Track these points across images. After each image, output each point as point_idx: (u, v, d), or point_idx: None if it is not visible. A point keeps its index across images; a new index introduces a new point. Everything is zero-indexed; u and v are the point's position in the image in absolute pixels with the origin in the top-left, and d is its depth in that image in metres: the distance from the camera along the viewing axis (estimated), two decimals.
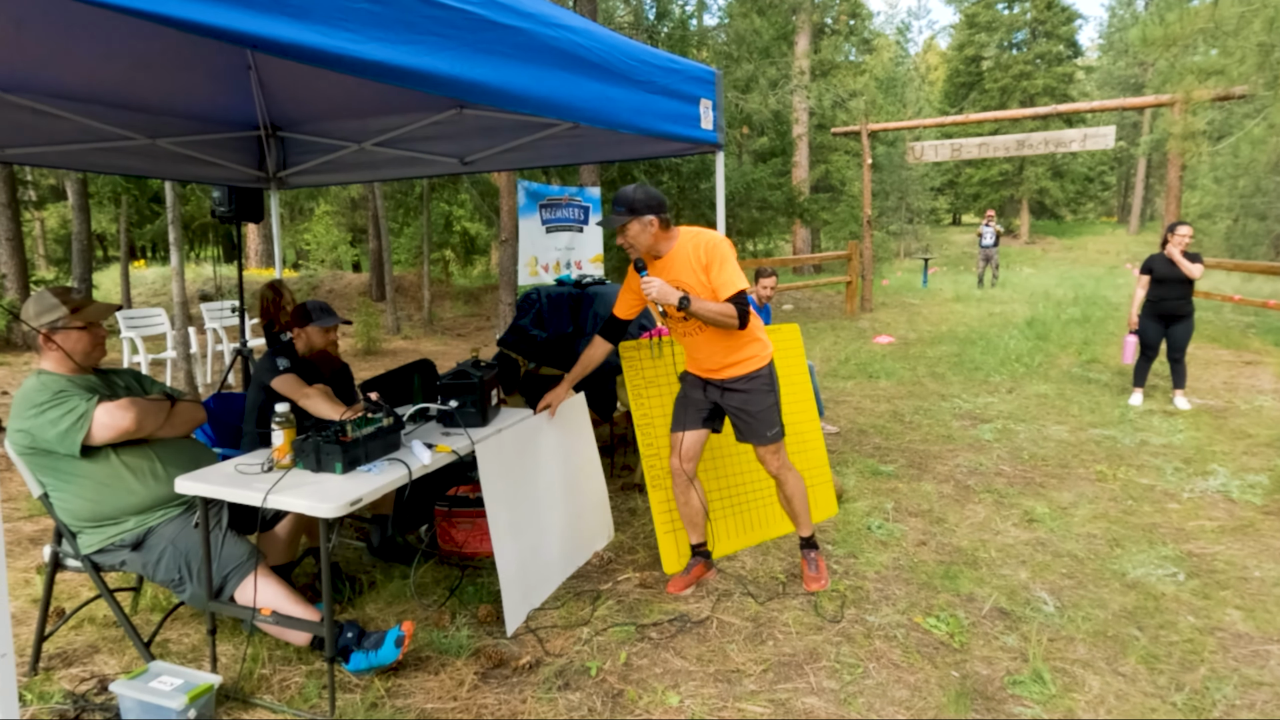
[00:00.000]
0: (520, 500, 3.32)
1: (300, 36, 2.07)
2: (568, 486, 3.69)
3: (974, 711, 2.61)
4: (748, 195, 16.29)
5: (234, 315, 9.29)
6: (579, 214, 9.00)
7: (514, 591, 3.17)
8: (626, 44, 3.37)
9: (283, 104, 4.75)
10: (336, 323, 3.69)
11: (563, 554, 3.61)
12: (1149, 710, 2.60)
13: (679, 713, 2.63)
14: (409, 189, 16.79)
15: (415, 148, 4.99)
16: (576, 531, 3.75)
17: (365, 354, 11.10)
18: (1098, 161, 38.45)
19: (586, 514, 3.87)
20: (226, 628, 3.13)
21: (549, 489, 3.55)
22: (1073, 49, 35.31)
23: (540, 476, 3.50)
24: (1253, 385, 7.54)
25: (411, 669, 2.89)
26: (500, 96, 2.58)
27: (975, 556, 3.81)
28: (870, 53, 32.03)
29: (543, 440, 3.57)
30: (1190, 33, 10.37)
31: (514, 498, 3.28)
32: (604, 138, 4.47)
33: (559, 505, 3.61)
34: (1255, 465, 5.14)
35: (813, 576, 3.51)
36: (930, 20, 79.27)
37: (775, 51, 16.76)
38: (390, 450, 2.95)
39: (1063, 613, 3.25)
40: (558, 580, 3.55)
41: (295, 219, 23.60)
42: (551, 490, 3.56)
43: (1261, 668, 2.85)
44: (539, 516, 3.45)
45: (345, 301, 15.67)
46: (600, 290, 5.40)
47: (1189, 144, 11.03)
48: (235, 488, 2.59)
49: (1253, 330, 10.44)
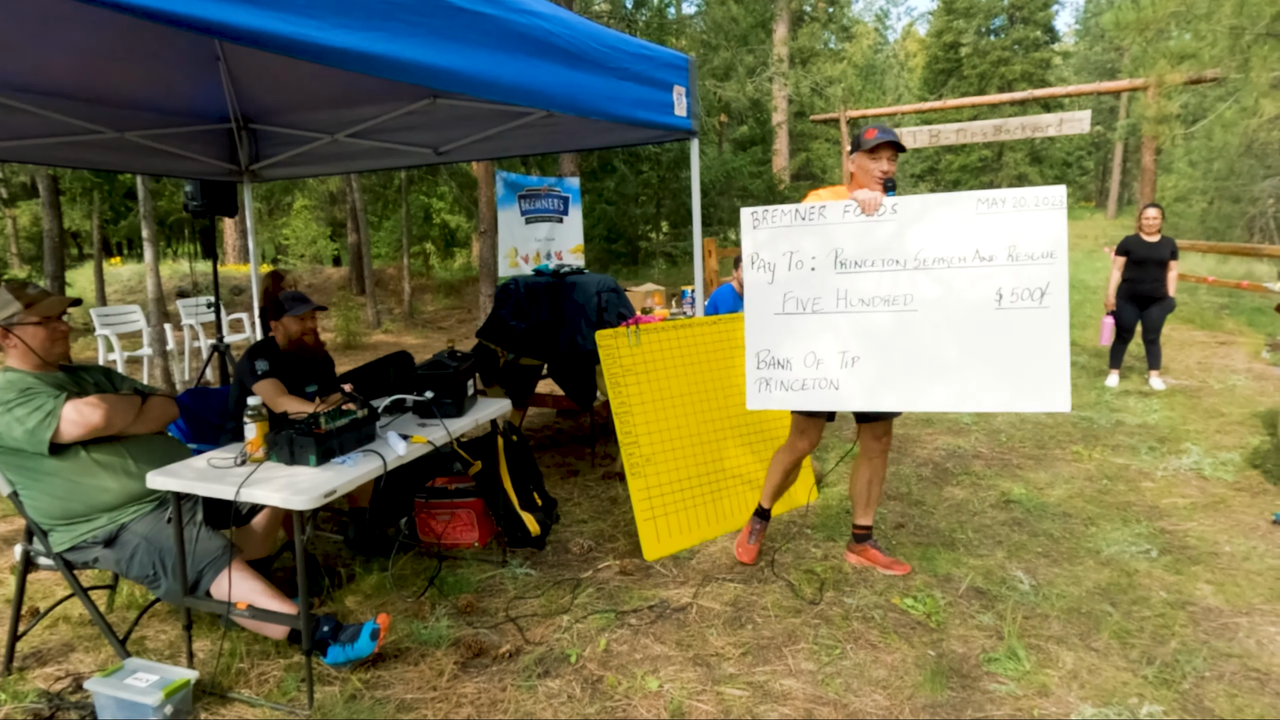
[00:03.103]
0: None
1: (263, 23, 2.05)
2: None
3: (950, 690, 2.64)
4: (728, 184, 16.31)
5: (211, 311, 9.20)
6: (558, 204, 8.96)
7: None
8: (597, 30, 3.35)
9: (254, 95, 4.70)
10: (309, 309, 3.66)
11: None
12: (1121, 684, 2.63)
13: (658, 697, 2.64)
14: (388, 181, 16.67)
15: (389, 138, 4.96)
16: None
17: (346, 348, 11.03)
18: (1075, 146, 38.71)
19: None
20: (204, 623, 3.11)
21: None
22: (1050, 34, 35.48)
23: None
24: (1226, 365, 7.65)
25: (391, 660, 2.88)
26: (468, 83, 2.57)
27: (953, 537, 3.85)
28: (849, 40, 32.05)
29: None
30: (1163, 17, 10.46)
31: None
32: (579, 126, 4.46)
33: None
34: (1228, 443, 5.21)
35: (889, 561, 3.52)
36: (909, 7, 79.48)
37: (753, 39, 16.75)
38: (365, 442, 2.94)
39: (1038, 591, 3.29)
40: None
41: (274, 213, 23.39)
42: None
43: (1230, 640, 2.90)
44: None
45: (325, 296, 15.54)
46: (579, 280, 5.39)
47: (1163, 128, 11.13)
48: (208, 482, 2.57)
49: (1227, 311, 10.57)
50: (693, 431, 4.02)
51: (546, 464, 5.13)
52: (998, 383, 2.94)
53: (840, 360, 3.10)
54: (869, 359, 3.07)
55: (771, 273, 3.17)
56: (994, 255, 2.94)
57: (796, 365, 3.15)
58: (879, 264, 3.04)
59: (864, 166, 3.18)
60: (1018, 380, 2.93)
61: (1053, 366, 2.90)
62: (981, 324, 2.95)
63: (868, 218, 3.05)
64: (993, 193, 2.93)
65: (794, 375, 3.15)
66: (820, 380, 3.13)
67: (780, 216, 3.14)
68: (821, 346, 3.12)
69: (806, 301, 3.13)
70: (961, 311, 2.97)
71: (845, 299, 3.09)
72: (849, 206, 3.07)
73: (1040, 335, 2.90)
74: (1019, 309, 2.92)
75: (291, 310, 3.63)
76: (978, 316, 2.95)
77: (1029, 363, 2.92)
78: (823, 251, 3.10)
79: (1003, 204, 2.92)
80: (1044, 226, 2.88)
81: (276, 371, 3.55)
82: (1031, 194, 2.91)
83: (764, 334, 3.20)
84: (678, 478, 3.89)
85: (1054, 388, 2.91)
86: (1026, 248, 2.90)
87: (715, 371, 4.19)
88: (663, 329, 4.11)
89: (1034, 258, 2.90)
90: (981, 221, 2.94)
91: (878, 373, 3.07)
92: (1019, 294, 2.91)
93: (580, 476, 4.96)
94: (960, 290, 2.98)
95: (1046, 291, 2.89)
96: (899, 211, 3.03)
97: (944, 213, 3.00)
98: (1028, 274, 2.91)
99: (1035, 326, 2.91)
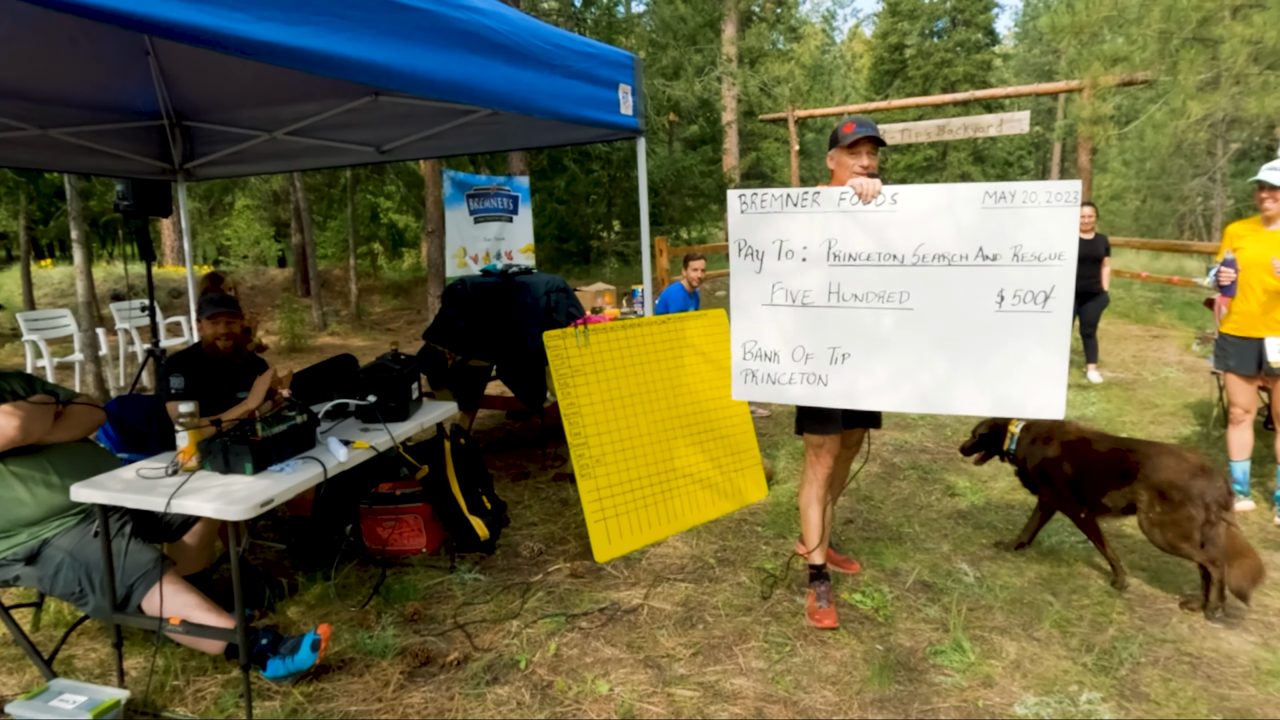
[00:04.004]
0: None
1: (187, 16, 1.97)
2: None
3: (897, 683, 2.67)
4: (679, 182, 16.36)
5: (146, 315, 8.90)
6: (508, 203, 8.87)
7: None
8: (540, 27, 3.31)
9: (186, 91, 4.55)
10: (219, 312, 3.52)
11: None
12: (1061, 672, 2.69)
13: (609, 700, 2.62)
14: (333, 180, 16.33)
15: (330, 136, 4.84)
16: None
17: (290, 351, 10.77)
18: (1016, 146, 39.70)
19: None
20: (136, 639, 2.99)
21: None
22: (990, 37, 36.35)
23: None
24: (1159, 358, 7.91)
25: (334, 672, 2.81)
26: (406, 80, 2.51)
27: (900, 532, 3.90)
28: (797, 40, 32.43)
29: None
30: (1096, 20, 10.77)
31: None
32: (525, 124, 4.41)
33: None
34: (1161, 433, 5.38)
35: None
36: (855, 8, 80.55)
37: (702, 38, 16.83)
38: (305, 448, 2.86)
39: (982, 583, 3.35)
40: None
41: (214, 213, 22.73)
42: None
43: (1164, 626, 2.98)
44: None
45: (269, 298, 15.16)
46: (528, 280, 5.33)
47: (1098, 128, 11.47)
48: (137, 494, 2.47)
49: (1159, 306, 10.94)
50: (643, 431, 4.00)
51: (496, 467, 5.06)
52: (991, 387, 2.79)
53: (830, 356, 2.94)
54: (860, 357, 2.91)
55: (759, 261, 2.97)
56: (999, 254, 2.74)
57: (784, 358, 2.99)
58: (875, 258, 2.85)
59: (843, 163, 2.98)
60: (1012, 385, 2.77)
61: (1049, 373, 2.73)
62: (979, 326, 2.78)
63: (865, 206, 2.84)
64: (1002, 186, 2.73)
65: (781, 369, 3.00)
66: (808, 375, 2.97)
67: (770, 201, 2.93)
68: (811, 341, 2.95)
69: (796, 294, 2.95)
70: (960, 312, 2.79)
71: (838, 293, 2.90)
72: (845, 194, 2.85)
73: (1039, 340, 2.73)
74: (1019, 312, 2.73)
75: (203, 313, 3.50)
76: (976, 318, 2.78)
77: (1025, 368, 2.75)
78: (815, 241, 2.89)
79: (1012, 198, 2.71)
80: (1055, 224, 2.68)
81: (196, 384, 3.38)
82: (1044, 188, 2.70)
83: (751, 325, 3.03)
84: (628, 478, 3.87)
85: (1049, 394, 2.74)
86: (1034, 247, 2.69)
87: (665, 371, 4.18)
88: (611, 329, 4.09)
89: (1041, 259, 2.69)
90: (988, 216, 2.73)
91: (868, 371, 2.91)
92: (1021, 296, 2.72)
93: (531, 479, 4.91)
94: (960, 290, 2.78)
95: (1051, 295, 2.69)
96: (899, 202, 2.82)
97: (948, 205, 2.78)
98: (1033, 276, 2.71)
99: (1035, 331, 2.73)
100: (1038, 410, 2.79)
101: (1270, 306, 3.78)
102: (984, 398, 2.82)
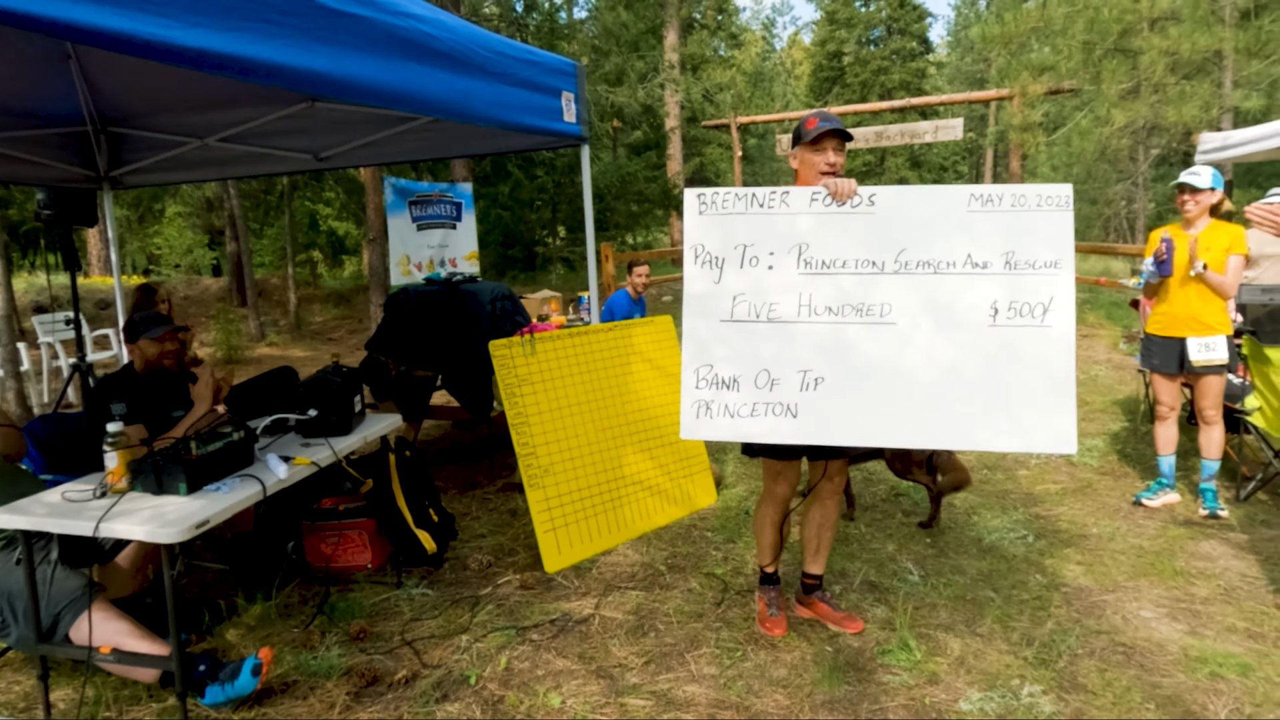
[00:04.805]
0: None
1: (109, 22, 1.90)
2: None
3: (847, 684, 2.70)
4: (623, 188, 16.39)
5: (71, 328, 8.54)
6: (451, 210, 8.77)
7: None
8: (482, 34, 3.28)
9: (113, 96, 4.38)
10: (163, 330, 3.40)
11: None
12: (1004, 667, 2.76)
13: (561, 713, 2.60)
14: (269, 187, 15.93)
15: (265, 143, 4.72)
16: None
17: (227, 363, 10.46)
18: (951, 152, 40.81)
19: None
20: (63, 670, 2.86)
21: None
22: (925, 45, 37.35)
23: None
24: (1089, 357, 8.19)
25: (277, 696, 2.72)
26: (341, 88, 2.46)
27: (846, 533, 3.96)
28: (738, 47, 32.85)
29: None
30: (1024, 31, 11.17)
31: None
32: (466, 131, 4.36)
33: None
34: (1092, 430, 5.58)
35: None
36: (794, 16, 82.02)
37: (644, 45, 16.90)
38: (242, 466, 2.77)
39: (926, 581, 3.42)
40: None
41: (143, 221, 21.95)
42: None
43: (1100, 617, 3.09)
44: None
45: (203, 308, 14.70)
46: (473, 288, 5.27)
47: (1028, 135, 11.88)
48: (62, 518, 2.36)
49: (1088, 305, 11.34)
50: (591, 440, 3.99)
51: (443, 478, 4.99)
52: (990, 415, 2.50)
53: (800, 381, 2.58)
54: (835, 381, 2.57)
55: (719, 270, 2.61)
56: (989, 262, 2.50)
57: (746, 386, 2.61)
58: (851, 265, 2.55)
59: (807, 161, 2.73)
60: (1014, 413, 2.49)
61: (1056, 398, 2.46)
62: (972, 343, 2.51)
63: (839, 208, 2.57)
64: (988, 188, 2.54)
65: (741, 399, 2.60)
66: (774, 405, 2.59)
67: (733, 201, 2.61)
68: (778, 364, 2.59)
69: (761, 308, 2.61)
70: (949, 327, 2.52)
71: (809, 306, 2.58)
72: (817, 194, 2.59)
73: (1041, 360, 2.47)
74: (1017, 327, 2.48)
75: (148, 332, 3.37)
76: (968, 334, 2.51)
77: (1027, 392, 2.48)
78: (783, 247, 2.59)
79: (999, 201, 2.50)
80: (1047, 230, 2.47)
81: (137, 409, 3.25)
82: (1033, 191, 2.50)
83: (706, 346, 2.64)
84: (577, 487, 3.85)
85: (1057, 424, 2.46)
86: (1027, 254, 2.47)
87: (612, 379, 4.17)
88: (558, 337, 4.07)
89: (1035, 267, 2.47)
90: (975, 220, 2.50)
91: (845, 398, 2.57)
92: (1017, 309, 2.48)
93: (478, 490, 4.85)
94: (948, 301, 2.52)
95: (1050, 308, 2.46)
96: (876, 204, 2.56)
97: (930, 207, 2.56)
98: (1028, 286, 2.48)
99: (1035, 349, 2.47)
100: (1046, 445, 2.53)
101: (1191, 308, 3.95)
102: (983, 428, 2.52)
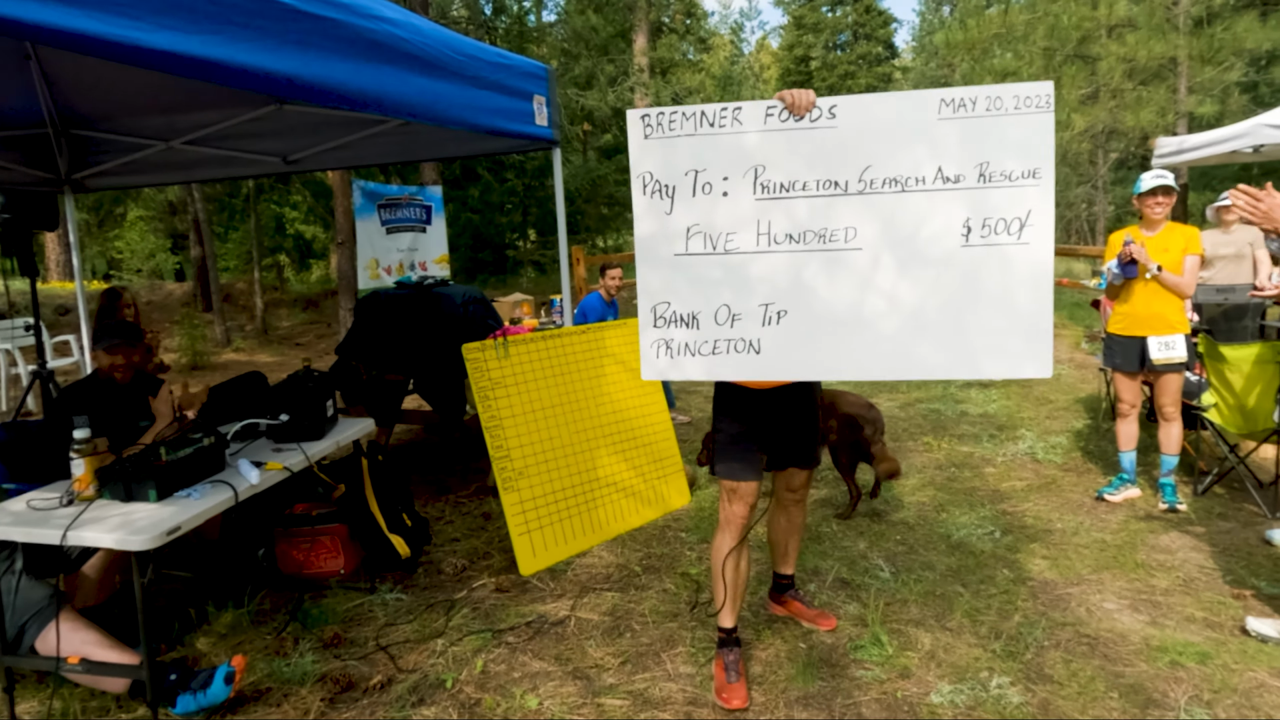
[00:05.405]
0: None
1: (74, 23, 1.87)
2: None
3: (820, 680, 2.74)
4: (595, 191, 16.40)
5: (31, 334, 8.35)
6: (421, 214, 8.74)
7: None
8: (453, 38, 3.28)
9: (74, 98, 4.30)
10: (110, 344, 3.34)
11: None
12: (973, 660, 2.82)
13: (538, 714, 2.60)
14: (235, 190, 15.70)
15: (232, 146, 4.66)
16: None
17: (192, 369, 10.29)
18: None
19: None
20: (30, 681, 2.80)
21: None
22: (890, 50, 37.87)
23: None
24: (1052, 356, 8.36)
25: (250, 704, 2.69)
26: (312, 91, 2.45)
27: (819, 531, 4.01)
28: (707, 51, 32.99)
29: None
30: (986, 37, 11.38)
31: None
32: (437, 135, 4.35)
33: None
34: (1056, 428, 5.70)
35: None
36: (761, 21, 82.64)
37: (614, 48, 16.95)
38: (213, 472, 2.75)
39: (897, 577, 3.47)
40: None
41: (104, 225, 21.52)
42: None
43: (1065, 610, 3.16)
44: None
45: (166, 314, 14.44)
46: (444, 291, 5.26)
47: None
48: (27, 526, 2.32)
49: None
50: (565, 442, 4.00)
51: (416, 482, 4.96)
52: (963, 342, 2.35)
53: (763, 316, 2.43)
54: (800, 315, 2.41)
55: (669, 199, 2.42)
56: (962, 175, 2.31)
57: (706, 323, 2.46)
58: (812, 186, 2.37)
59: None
60: (987, 339, 2.34)
61: (1032, 320, 2.32)
62: (945, 266, 2.33)
63: (798, 122, 2.36)
64: (961, 91, 2.31)
65: (702, 336, 2.46)
66: (737, 342, 2.44)
67: (680, 121, 2.39)
68: (738, 298, 2.43)
69: (717, 238, 2.42)
70: (919, 250, 2.34)
71: (768, 234, 2.40)
72: (773, 108, 2.37)
73: (1018, 279, 2.31)
74: (992, 245, 2.30)
75: (98, 343, 3.32)
76: (940, 256, 2.33)
77: (1002, 316, 2.33)
78: (738, 170, 2.39)
79: (972, 106, 2.29)
80: (1026, 136, 2.27)
81: (100, 421, 3.19)
82: (1010, 92, 2.28)
83: (662, 282, 2.47)
84: (552, 490, 3.86)
85: (1033, 347, 2.33)
86: (1003, 164, 2.28)
87: (586, 381, 4.18)
88: (531, 340, 4.07)
89: (1012, 178, 2.28)
90: (946, 130, 2.30)
91: (811, 332, 2.42)
92: (992, 225, 2.30)
93: (452, 494, 4.83)
94: (918, 222, 2.34)
95: (1027, 223, 2.28)
96: (838, 115, 2.35)
97: (896, 118, 2.34)
98: (1004, 199, 2.29)
99: (1012, 268, 2.30)
100: (1020, 367, 2.38)
101: (1151, 307, 4.06)
102: (958, 358, 2.38)
